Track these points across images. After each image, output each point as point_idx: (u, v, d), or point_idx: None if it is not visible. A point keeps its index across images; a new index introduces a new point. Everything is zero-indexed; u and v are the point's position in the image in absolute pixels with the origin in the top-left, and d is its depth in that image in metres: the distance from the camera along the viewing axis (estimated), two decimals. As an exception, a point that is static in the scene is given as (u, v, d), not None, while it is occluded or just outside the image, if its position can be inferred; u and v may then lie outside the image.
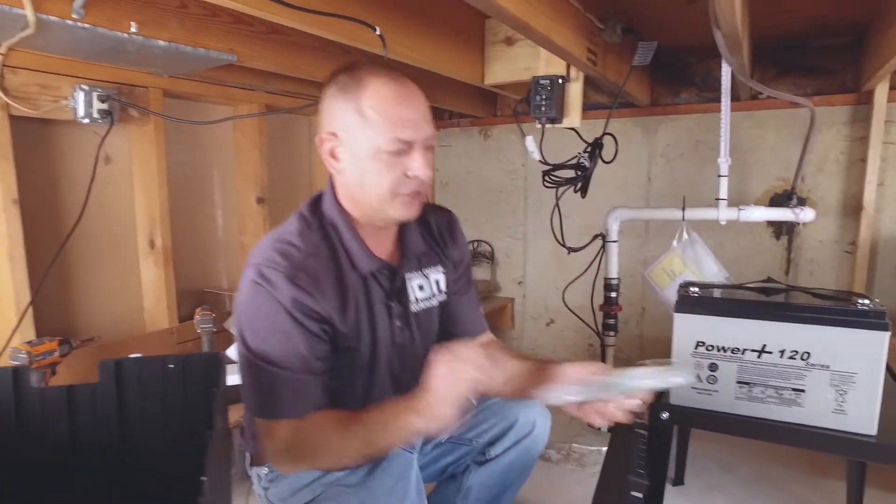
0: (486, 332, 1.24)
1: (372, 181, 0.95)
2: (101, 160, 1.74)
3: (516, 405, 1.16)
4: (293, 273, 0.91)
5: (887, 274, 2.24)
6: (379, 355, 1.02)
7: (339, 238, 1.00)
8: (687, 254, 1.82)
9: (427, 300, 1.11)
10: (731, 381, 1.11)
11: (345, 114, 0.94)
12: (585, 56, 1.70)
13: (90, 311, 1.78)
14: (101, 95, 1.54)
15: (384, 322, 1.03)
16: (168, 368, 0.87)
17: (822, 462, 1.87)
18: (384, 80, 0.93)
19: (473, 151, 3.04)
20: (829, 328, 1.02)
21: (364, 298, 1.00)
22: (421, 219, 1.13)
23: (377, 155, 0.92)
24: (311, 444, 0.91)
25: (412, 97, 0.94)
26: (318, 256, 0.96)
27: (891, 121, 2.15)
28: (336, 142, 0.96)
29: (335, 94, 0.95)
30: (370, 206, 0.98)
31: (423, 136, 0.94)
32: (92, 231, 1.75)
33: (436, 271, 1.13)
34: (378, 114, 0.91)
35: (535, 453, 1.19)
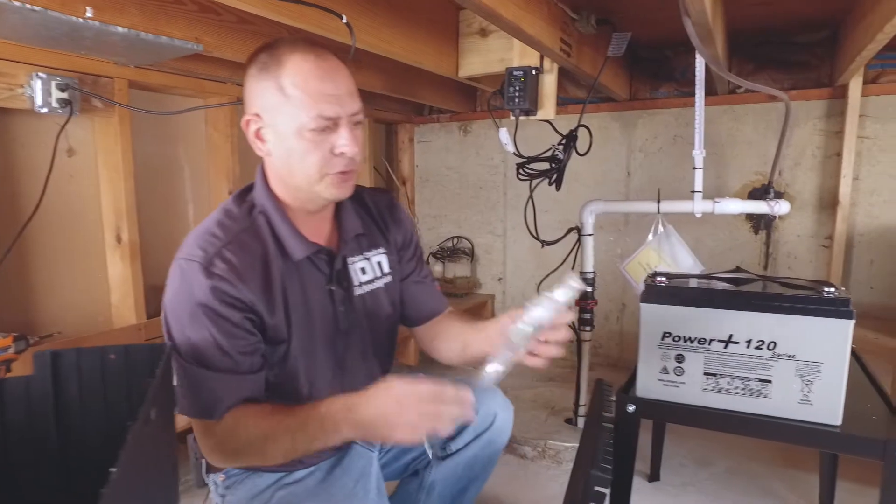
0: (445, 310, 1.22)
1: (298, 161, 0.91)
2: (64, 152, 1.70)
3: (476, 397, 1.14)
4: (209, 262, 0.88)
5: (862, 268, 2.25)
6: (318, 342, 0.99)
7: (270, 225, 0.96)
8: (662, 247, 1.80)
9: (371, 283, 1.08)
10: (698, 373, 1.09)
11: (266, 93, 0.90)
12: (559, 47, 1.68)
13: (53, 306, 1.74)
14: (60, 84, 1.49)
15: (325, 308, 1.00)
16: (109, 359, 0.83)
17: (797, 456, 1.87)
18: (304, 55, 0.89)
19: (453, 147, 3.02)
20: (794, 317, 1.00)
21: (298, 285, 0.97)
22: (359, 200, 1.11)
23: (301, 133, 0.89)
24: (240, 444, 0.89)
25: (334, 72, 0.90)
26: (240, 244, 0.92)
27: (865, 115, 2.16)
28: (261, 123, 0.92)
29: (256, 73, 0.91)
30: (299, 188, 0.95)
31: (348, 112, 0.90)
32: (55, 224, 1.70)
33: (377, 253, 1.10)
34: (299, 91, 0.87)
35: (497, 446, 1.17)
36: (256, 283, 0.91)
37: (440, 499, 1.15)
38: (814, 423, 1.02)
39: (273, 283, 0.93)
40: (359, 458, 1.06)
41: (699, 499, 1.68)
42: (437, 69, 1.93)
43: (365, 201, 1.12)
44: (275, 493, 0.99)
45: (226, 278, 0.88)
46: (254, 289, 0.90)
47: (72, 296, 1.79)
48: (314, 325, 0.98)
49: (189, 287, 0.88)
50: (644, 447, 1.87)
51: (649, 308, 1.10)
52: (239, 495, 1.00)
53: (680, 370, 1.10)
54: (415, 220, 3.16)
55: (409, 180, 3.14)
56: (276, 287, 0.93)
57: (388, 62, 2.22)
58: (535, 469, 1.86)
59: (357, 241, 1.07)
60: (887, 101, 2.13)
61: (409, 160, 3.13)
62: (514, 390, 2.37)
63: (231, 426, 0.89)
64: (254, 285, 0.91)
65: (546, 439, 1.89)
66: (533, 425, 2.00)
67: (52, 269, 1.72)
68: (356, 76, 2.34)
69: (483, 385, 0.89)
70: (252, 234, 0.95)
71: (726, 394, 1.08)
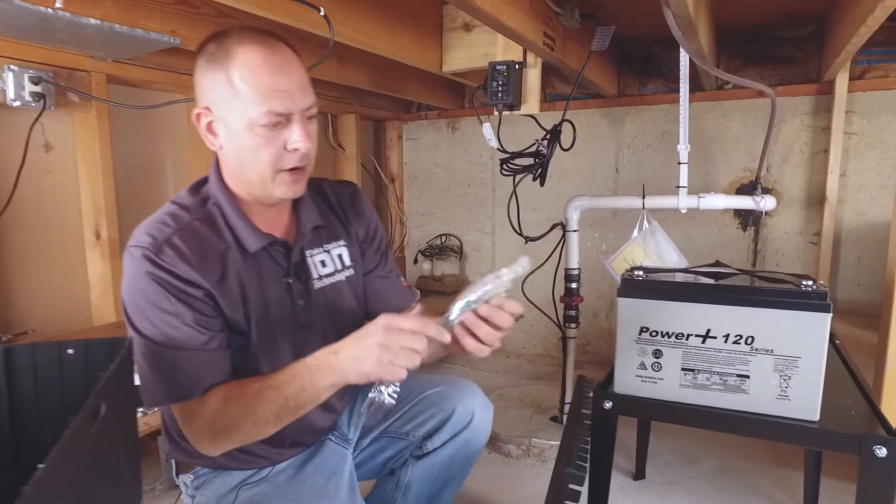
0: (411, 305, 1.19)
1: (250, 157, 0.89)
2: (41, 147, 1.67)
3: (455, 396, 1.12)
4: (157, 248, 0.86)
5: (850, 265, 2.24)
6: (278, 337, 0.97)
7: (224, 217, 0.94)
8: (648, 243, 1.79)
9: (331, 276, 1.05)
10: (675, 369, 1.07)
11: (216, 86, 0.87)
12: (542, 41, 1.66)
13: (30, 303, 1.71)
14: (33, 77, 1.47)
15: (284, 302, 0.98)
16: (66, 355, 0.80)
17: (785, 454, 1.86)
18: (253, 47, 0.86)
19: (441, 144, 3.00)
20: (771, 310, 0.99)
21: (255, 278, 0.94)
22: (319, 192, 1.09)
23: (252, 129, 0.86)
24: (229, 417, 0.86)
25: (286, 65, 0.87)
26: (193, 233, 0.90)
27: (852, 111, 2.15)
28: (211, 116, 0.90)
29: (204, 65, 0.89)
30: (252, 183, 0.93)
31: (300, 107, 0.88)
32: (31, 220, 1.67)
33: (338, 245, 1.08)
34: (248, 85, 0.85)
35: (475, 446, 1.15)
36: (210, 272, 0.89)
37: (417, 498, 1.13)
38: (792, 418, 1.00)
39: (228, 274, 0.91)
40: (332, 456, 1.04)
41: (685, 497, 1.67)
42: (420, 64, 1.91)
43: (326, 193, 1.10)
44: (244, 492, 0.97)
45: (175, 264, 0.86)
46: (208, 277, 0.88)
47: (50, 293, 1.76)
48: (273, 320, 0.96)
49: (141, 273, 0.86)
50: (630, 445, 1.85)
51: (626, 302, 1.08)
52: (208, 494, 0.98)
53: (658, 366, 1.08)
54: (404, 218, 3.14)
55: (397, 178, 3.12)
56: (231, 279, 0.91)
57: (373, 58, 2.20)
58: (519, 468, 1.85)
59: (316, 233, 1.05)
60: (874, 97, 2.13)
61: (397, 157, 3.11)
62: (501, 388, 2.36)
63: (218, 402, 0.86)
64: (207, 274, 0.88)
65: (531, 437, 1.87)
66: (518, 423, 1.99)
67: (29, 266, 1.69)
68: (340, 72, 2.32)
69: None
70: (206, 225, 0.92)
71: (704, 389, 1.06)
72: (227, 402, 0.86)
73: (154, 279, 0.85)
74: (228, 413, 0.86)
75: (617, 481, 1.74)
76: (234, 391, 0.87)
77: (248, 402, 0.85)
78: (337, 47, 2.05)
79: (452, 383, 1.17)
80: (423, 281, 2.99)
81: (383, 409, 0.85)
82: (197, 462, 1.01)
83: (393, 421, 1.14)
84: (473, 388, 1.18)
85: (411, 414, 1.13)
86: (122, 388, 0.77)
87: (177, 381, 0.86)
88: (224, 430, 0.87)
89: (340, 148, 2.75)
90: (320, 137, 2.70)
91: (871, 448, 0.92)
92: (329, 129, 2.71)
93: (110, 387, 0.70)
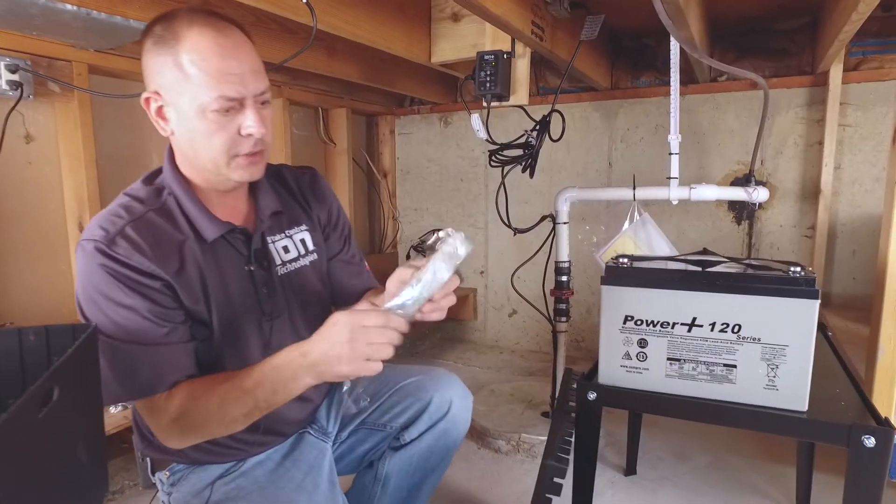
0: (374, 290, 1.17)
1: (203, 142, 0.86)
2: (21, 138, 1.65)
3: (431, 386, 1.10)
4: (110, 241, 0.83)
5: (845, 258, 2.21)
6: (243, 326, 0.94)
7: (181, 207, 0.91)
8: (639, 235, 1.76)
9: (295, 261, 1.03)
10: (661, 358, 1.04)
11: (164, 69, 0.84)
12: (530, 30, 1.64)
13: (11, 296, 1.68)
14: (10, 65, 1.44)
15: (247, 290, 0.95)
16: (28, 341, 0.78)
17: (778, 449, 1.83)
18: (202, 29, 0.82)
19: (433, 139, 2.98)
20: (758, 297, 0.96)
21: (215, 267, 0.92)
22: (278, 177, 1.07)
23: (204, 114, 0.83)
24: (196, 415, 0.83)
25: (237, 48, 0.84)
26: (147, 224, 0.88)
27: (846, 103, 2.12)
28: (161, 101, 0.87)
29: (151, 47, 0.85)
30: (207, 169, 0.90)
31: (252, 92, 0.85)
32: (13, 213, 1.65)
33: (300, 230, 1.05)
34: (198, 69, 0.82)
35: (454, 436, 1.12)
36: (168, 263, 0.86)
37: (396, 491, 1.11)
38: (780, 409, 0.97)
39: (187, 264, 0.89)
40: (311, 450, 1.02)
41: (677, 493, 1.64)
42: (408, 55, 1.88)
43: (285, 178, 1.08)
44: (221, 487, 0.94)
45: (129, 256, 0.83)
46: (165, 268, 0.86)
47: (33, 286, 1.73)
48: (236, 309, 0.93)
49: (94, 267, 0.83)
50: (620, 440, 1.83)
51: (610, 290, 1.05)
52: (184, 490, 0.96)
53: (643, 355, 1.05)
54: (397, 213, 3.12)
55: (389, 173, 3.09)
56: (190, 270, 0.89)
57: (363, 50, 2.18)
58: (508, 463, 1.82)
59: (277, 218, 1.02)
60: (868, 89, 2.10)
61: (389, 152, 3.08)
62: (493, 384, 2.33)
63: (185, 399, 0.84)
64: (165, 265, 0.86)
65: (521, 433, 1.84)
66: (508, 419, 1.96)
67: (11, 259, 1.66)
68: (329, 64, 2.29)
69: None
70: (162, 216, 0.90)
71: (691, 380, 1.03)
72: (195, 400, 0.84)
73: (108, 272, 0.83)
74: (195, 411, 0.84)
75: (607, 476, 1.72)
76: (202, 388, 0.85)
77: (217, 401, 0.83)
78: (325, 39, 2.03)
79: (429, 373, 1.15)
80: (415, 277, 2.96)
81: (360, 398, 0.84)
82: (172, 459, 0.98)
83: (370, 412, 1.12)
84: (451, 377, 1.15)
85: (388, 405, 1.11)
86: (82, 374, 0.75)
87: (137, 376, 0.83)
88: (191, 427, 0.84)
89: (332, 142, 2.72)
90: (310, 130, 2.69)
91: (860, 438, 0.89)
92: (320, 124, 2.68)
93: (66, 372, 0.68)
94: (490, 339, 3.01)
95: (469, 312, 2.98)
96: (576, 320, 2.69)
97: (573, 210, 1.87)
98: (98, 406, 0.82)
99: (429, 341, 3.02)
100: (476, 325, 3.03)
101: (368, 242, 3.19)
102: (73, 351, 0.69)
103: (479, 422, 1.94)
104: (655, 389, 1.05)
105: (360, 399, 1.06)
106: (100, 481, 0.81)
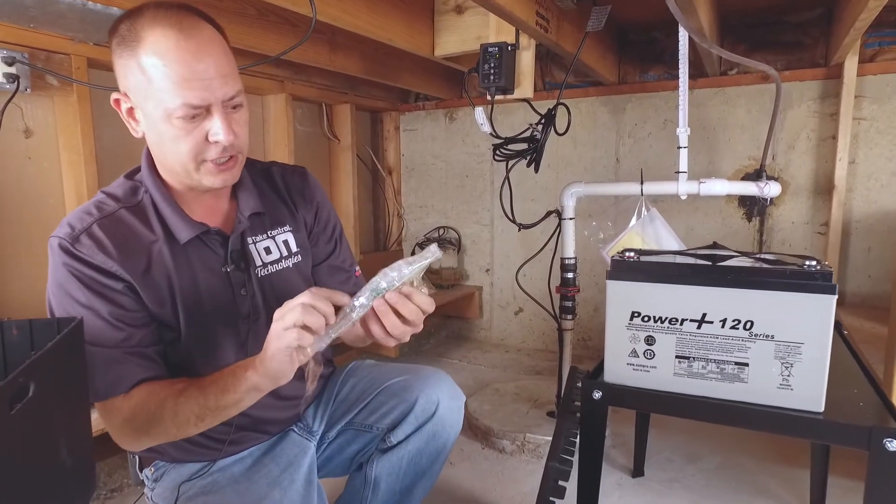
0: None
1: (171, 147, 0.83)
2: (21, 132, 1.63)
3: (417, 385, 1.06)
4: (74, 239, 0.82)
5: (860, 256, 2.15)
6: (216, 329, 0.92)
7: (155, 205, 0.89)
8: (646, 231, 1.72)
9: (276, 262, 0.99)
10: (669, 356, 1.00)
11: (128, 72, 0.81)
12: (534, 21, 1.60)
13: (12, 291, 1.67)
14: (7, 58, 1.42)
15: (222, 292, 0.92)
16: (11, 335, 0.75)
17: (791, 451, 1.78)
18: (164, 30, 0.77)
19: (438, 135, 2.94)
20: (772, 293, 0.91)
21: (187, 269, 0.89)
22: (266, 177, 1.04)
23: (169, 119, 0.80)
24: (146, 416, 0.81)
25: (201, 50, 0.79)
26: (116, 222, 0.86)
27: (861, 95, 2.06)
28: (130, 102, 0.84)
29: (116, 48, 0.81)
30: (177, 172, 0.87)
31: (219, 97, 0.81)
32: (13, 208, 1.63)
33: (283, 231, 1.02)
34: (161, 74, 0.78)
35: (443, 439, 1.08)
36: (133, 264, 0.84)
37: (387, 494, 1.07)
38: (794, 409, 0.93)
39: (153, 266, 0.86)
40: (292, 447, 1.00)
41: (686, 495, 1.60)
42: (411, 47, 1.85)
43: (273, 177, 1.05)
44: (197, 482, 0.93)
45: (92, 255, 0.82)
46: (130, 269, 0.84)
47: (34, 283, 1.72)
48: (207, 312, 0.91)
49: (58, 265, 0.82)
50: (628, 441, 1.79)
51: (616, 285, 1.01)
52: (165, 485, 0.94)
53: (650, 353, 1.01)
54: (402, 210, 3.09)
55: (394, 170, 3.06)
56: (157, 271, 0.87)
57: (366, 44, 2.15)
58: (513, 464, 1.78)
59: (259, 219, 0.99)
60: (885, 81, 2.04)
61: (394, 149, 3.05)
62: (498, 383, 2.29)
63: (139, 399, 0.82)
64: (129, 265, 0.84)
65: (525, 433, 1.81)
66: (513, 419, 1.92)
67: (10, 254, 1.65)
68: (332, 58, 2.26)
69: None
70: (134, 214, 0.88)
71: (700, 378, 0.99)
72: (147, 401, 0.82)
73: (70, 270, 0.81)
74: (147, 411, 0.82)
75: (614, 478, 1.68)
76: (157, 390, 0.83)
77: (171, 402, 0.81)
78: (326, 31, 2.00)
79: (417, 372, 1.10)
80: (420, 275, 2.93)
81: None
82: (156, 456, 0.97)
83: (357, 412, 1.08)
84: (440, 376, 1.11)
85: (374, 405, 1.07)
86: (64, 370, 0.72)
87: (94, 380, 0.81)
88: (143, 428, 0.83)
89: (335, 138, 2.70)
90: (314, 126, 2.66)
91: (882, 441, 0.85)
92: (324, 119, 2.66)
93: (45, 367, 0.65)
94: (496, 338, 2.97)
95: (474, 311, 2.95)
96: (582, 318, 2.65)
97: (580, 206, 1.83)
98: (84, 404, 0.79)
99: (434, 339, 2.98)
100: (481, 323, 2.99)
101: (373, 240, 3.16)
102: (53, 345, 0.67)
103: (484, 421, 1.90)
104: (663, 388, 1.01)
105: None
106: (86, 482, 0.78)
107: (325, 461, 1.09)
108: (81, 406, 0.78)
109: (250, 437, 0.99)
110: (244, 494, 0.87)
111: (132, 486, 1.66)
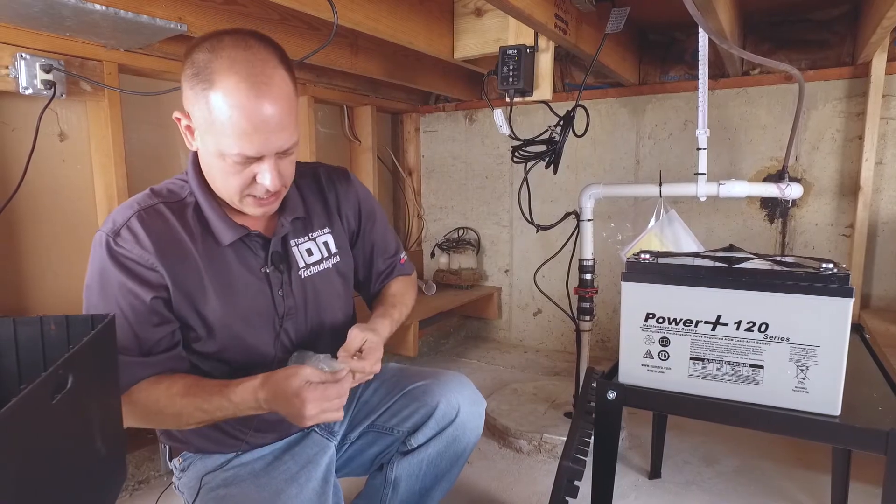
0: (394, 280, 1.20)
1: (219, 178, 0.89)
2: (55, 136, 1.70)
3: (439, 391, 1.08)
4: (115, 233, 0.87)
5: (887, 258, 2.11)
6: (253, 327, 0.96)
7: (199, 207, 0.94)
8: (665, 232, 1.71)
9: (318, 264, 1.05)
10: (683, 358, 1.01)
11: (196, 102, 0.84)
12: (553, 23, 1.61)
13: (45, 290, 1.73)
14: (45, 65, 1.48)
15: (260, 292, 0.97)
16: (49, 330, 0.80)
17: (810, 454, 1.76)
18: (238, 81, 0.80)
19: (458, 136, 2.96)
20: (787, 295, 0.92)
21: (224, 269, 0.94)
22: (313, 178, 1.09)
23: (223, 157, 0.85)
24: (150, 405, 0.88)
25: (270, 104, 0.82)
26: (156, 214, 0.91)
27: (890, 94, 2.02)
28: (190, 122, 0.88)
29: (189, 75, 0.85)
30: (221, 194, 0.93)
31: (274, 150, 0.85)
32: (45, 208, 1.70)
33: (323, 233, 1.07)
34: (225, 118, 0.81)
35: (463, 443, 1.10)
36: (166, 257, 0.89)
37: (406, 495, 1.10)
38: (810, 412, 0.93)
39: (188, 261, 0.91)
40: (312, 446, 1.03)
41: (703, 498, 1.59)
42: (431, 50, 1.87)
43: (319, 178, 1.10)
44: (220, 474, 0.97)
45: (130, 249, 0.87)
46: (164, 261, 0.88)
47: (66, 281, 1.78)
48: (240, 311, 0.95)
49: (97, 260, 0.87)
50: (645, 443, 1.78)
51: (631, 287, 1.02)
52: (190, 475, 0.99)
53: (665, 354, 1.02)
54: (422, 211, 3.11)
55: (415, 171, 3.09)
56: (189, 267, 0.91)
57: (387, 47, 2.18)
58: (529, 463, 1.79)
59: (300, 222, 1.04)
60: (913, 80, 2.00)
61: (415, 150, 3.08)
62: (516, 383, 2.31)
63: (144, 393, 0.88)
64: (164, 258, 0.88)
65: (542, 433, 1.82)
66: (530, 419, 1.93)
67: (43, 255, 1.72)
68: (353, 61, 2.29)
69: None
70: (175, 211, 0.93)
71: (715, 380, 1.00)
72: (153, 393, 0.88)
73: (106, 267, 0.87)
74: (150, 402, 0.88)
75: (631, 479, 1.68)
76: (162, 385, 0.89)
77: (177, 407, 0.87)
78: (348, 35, 2.04)
79: (439, 376, 1.13)
80: (440, 274, 2.96)
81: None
82: (183, 447, 1.01)
83: (379, 415, 1.11)
84: (461, 381, 1.13)
85: (396, 408, 1.10)
86: (100, 363, 0.76)
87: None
88: (143, 416, 0.89)
89: (356, 140, 2.73)
90: (335, 128, 2.70)
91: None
92: (345, 121, 2.70)
93: (82, 360, 0.69)
94: (514, 339, 2.98)
95: (493, 311, 2.96)
96: (601, 320, 2.64)
97: (599, 208, 1.84)
98: (116, 397, 0.84)
99: (453, 339, 3.01)
100: (500, 323, 3.00)
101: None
102: (89, 339, 0.71)
103: (501, 421, 1.91)
104: (678, 390, 1.02)
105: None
106: (118, 472, 0.82)
107: (346, 461, 1.12)
108: (113, 398, 0.82)
109: (273, 433, 1.02)
110: (262, 488, 0.91)
111: (161, 478, 1.71)
